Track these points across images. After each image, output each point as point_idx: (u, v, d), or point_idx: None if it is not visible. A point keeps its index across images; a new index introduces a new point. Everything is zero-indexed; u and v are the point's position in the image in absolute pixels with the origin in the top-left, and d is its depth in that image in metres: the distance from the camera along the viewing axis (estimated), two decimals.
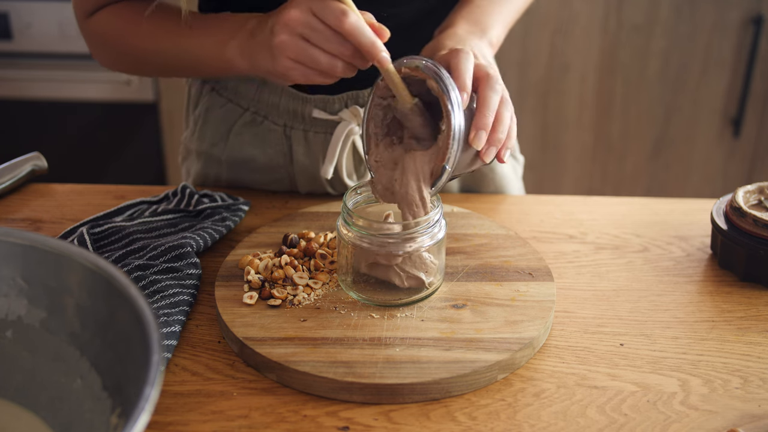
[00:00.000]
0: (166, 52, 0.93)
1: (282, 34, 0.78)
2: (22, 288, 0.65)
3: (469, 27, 0.90)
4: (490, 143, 0.78)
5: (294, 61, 0.79)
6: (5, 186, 1.05)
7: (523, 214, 1.03)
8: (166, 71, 1.00)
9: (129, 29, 0.95)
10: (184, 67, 0.96)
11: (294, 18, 0.77)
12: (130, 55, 0.98)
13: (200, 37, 0.90)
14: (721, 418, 0.71)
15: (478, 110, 0.77)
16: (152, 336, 0.54)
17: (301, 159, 1.05)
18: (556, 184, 2.33)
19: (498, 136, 0.78)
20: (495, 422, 0.70)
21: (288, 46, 0.78)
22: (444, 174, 0.77)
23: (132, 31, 0.95)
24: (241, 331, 0.77)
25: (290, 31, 0.77)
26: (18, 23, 2.17)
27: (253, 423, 0.69)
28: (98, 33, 0.97)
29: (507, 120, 0.79)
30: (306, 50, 0.77)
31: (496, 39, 0.93)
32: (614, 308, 0.85)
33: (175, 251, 0.88)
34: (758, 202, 0.92)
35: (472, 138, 0.76)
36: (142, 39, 0.94)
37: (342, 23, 0.75)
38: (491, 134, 0.78)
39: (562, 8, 2.13)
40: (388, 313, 0.80)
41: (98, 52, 1.00)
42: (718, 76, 2.18)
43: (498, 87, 0.78)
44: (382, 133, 0.82)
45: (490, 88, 0.78)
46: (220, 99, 1.07)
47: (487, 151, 0.78)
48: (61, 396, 0.64)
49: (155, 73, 1.03)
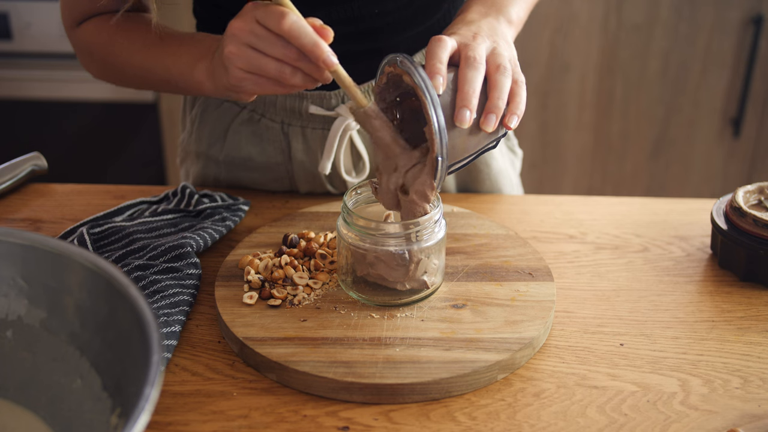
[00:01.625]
0: (143, 67, 0.93)
1: (229, 45, 0.78)
2: (22, 288, 0.65)
3: (483, 9, 0.88)
4: (489, 111, 0.76)
5: (244, 71, 0.79)
6: (5, 186, 1.05)
7: (523, 214, 1.03)
8: (148, 86, 0.99)
9: (111, 42, 0.95)
10: (161, 83, 0.95)
11: (238, 27, 0.77)
12: (114, 67, 0.97)
13: (173, 57, 0.90)
14: (721, 418, 0.71)
15: (459, 89, 0.75)
16: (152, 336, 0.54)
17: (300, 156, 1.05)
18: (556, 184, 2.33)
19: (495, 103, 0.76)
20: (495, 422, 0.70)
21: (236, 56, 0.78)
22: (440, 165, 0.75)
23: (114, 44, 0.95)
24: (241, 331, 0.77)
25: (237, 41, 0.77)
26: (18, 23, 2.17)
27: (253, 423, 0.69)
28: (84, 44, 0.98)
29: (505, 86, 0.77)
30: (253, 58, 0.77)
31: (515, 16, 0.91)
32: (614, 308, 0.85)
33: (175, 251, 0.88)
34: (758, 202, 0.92)
35: (456, 116, 0.74)
36: (123, 53, 0.94)
37: (281, 26, 0.74)
38: (487, 102, 0.76)
39: (562, 8, 2.13)
40: (388, 313, 0.80)
41: (85, 62, 1.00)
42: (718, 76, 2.18)
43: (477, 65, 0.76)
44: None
45: (468, 66, 0.76)
46: (216, 99, 1.07)
47: (486, 120, 0.75)
48: (61, 396, 0.64)
49: (139, 87, 1.02)
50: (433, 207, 0.80)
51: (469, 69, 0.76)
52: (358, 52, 0.98)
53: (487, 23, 0.84)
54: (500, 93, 0.76)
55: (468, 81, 0.75)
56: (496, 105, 0.76)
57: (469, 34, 0.80)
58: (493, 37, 0.81)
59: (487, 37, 0.80)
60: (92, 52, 0.98)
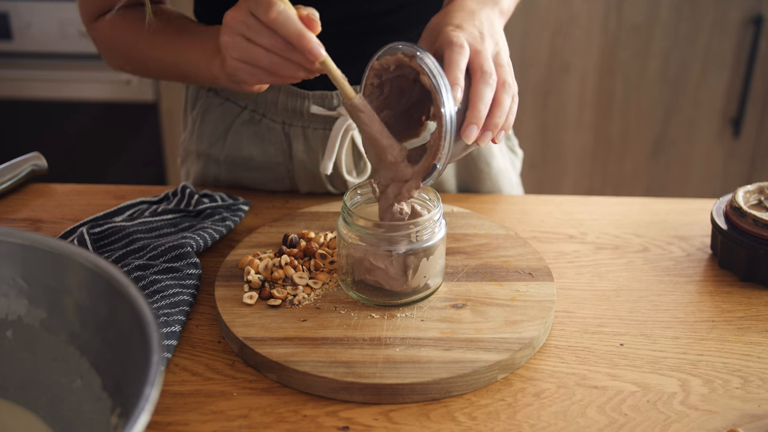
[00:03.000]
0: (163, 60, 0.95)
1: (225, 35, 0.79)
2: (22, 288, 0.65)
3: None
4: (486, 128, 0.77)
5: (239, 61, 0.80)
6: (5, 186, 1.05)
7: (523, 214, 1.03)
8: (167, 78, 1.01)
9: (130, 35, 0.96)
10: (180, 76, 0.97)
11: (232, 17, 0.78)
12: (134, 59, 0.99)
13: (191, 52, 0.91)
14: (721, 418, 0.71)
15: (472, 105, 0.76)
16: (152, 336, 0.54)
17: (301, 156, 1.05)
18: (556, 184, 2.33)
19: (495, 120, 0.77)
20: (495, 422, 0.70)
21: (231, 46, 0.79)
22: (434, 171, 0.77)
23: (133, 37, 0.96)
24: (241, 331, 0.77)
25: (231, 30, 0.78)
26: (18, 23, 2.17)
27: (253, 423, 0.69)
28: (104, 37, 0.99)
29: (506, 104, 0.78)
30: (245, 48, 0.78)
31: (506, 7, 0.93)
32: (614, 308, 0.85)
33: (175, 251, 0.88)
34: (758, 202, 0.92)
35: (464, 131, 0.76)
36: (143, 45, 0.96)
37: (268, 15, 0.75)
38: (488, 119, 0.77)
39: (562, 8, 2.13)
40: (388, 313, 0.80)
41: (106, 55, 1.02)
42: (718, 76, 2.18)
43: (490, 80, 0.77)
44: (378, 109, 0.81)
45: (482, 82, 0.77)
46: (218, 98, 1.07)
47: (482, 136, 0.77)
48: (61, 396, 0.64)
49: (159, 77, 1.04)
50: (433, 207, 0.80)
51: (484, 84, 0.77)
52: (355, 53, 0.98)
53: (486, 16, 0.85)
54: (501, 112, 0.78)
55: (481, 98, 0.76)
56: (495, 123, 0.78)
57: (476, 32, 0.80)
58: (494, 36, 0.82)
59: (489, 36, 0.81)
60: (111, 46, 1.00)
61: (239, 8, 0.78)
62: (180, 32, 0.93)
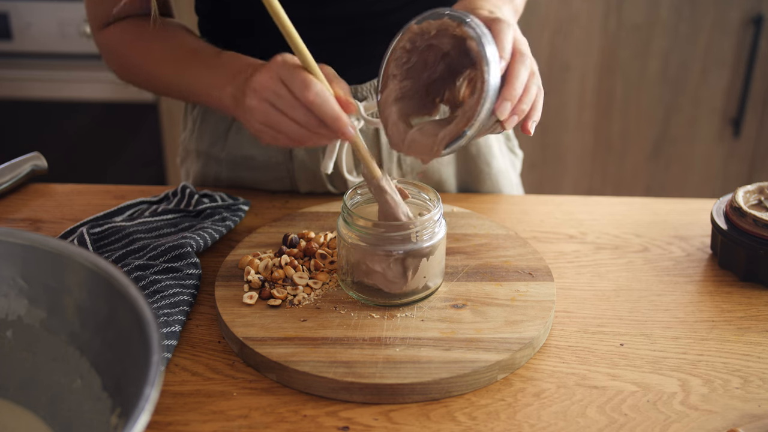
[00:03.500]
0: (170, 82, 0.94)
1: (251, 99, 0.79)
2: (22, 288, 0.65)
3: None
4: (514, 112, 0.77)
5: (265, 125, 0.80)
6: (5, 186, 1.05)
7: (523, 214, 1.03)
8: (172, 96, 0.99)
9: (135, 47, 0.96)
10: (184, 96, 0.96)
11: (262, 83, 0.78)
12: (136, 71, 0.99)
13: (198, 78, 0.90)
14: (721, 418, 0.71)
15: (509, 82, 0.76)
16: (152, 336, 0.54)
17: (301, 155, 1.05)
18: (556, 184, 2.33)
19: (522, 107, 0.78)
20: (495, 422, 0.70)
21: (257, 110, 0.79)
22: (462, 138, 0.76)
23: (138, 49, 0.96)
24: (241, 331, 0.77)
25: (259, 96, 0.78)
26: (18, 23, 2.16)
27: (253, 423, 0.69)
28: (109, 46, 0.99)
29: (533, 92, 0.79)
30: (273, 116, 0.78)
31: (519, 5, 0.96)
32: (614, 308, 0.85)
33: (175, 251, 0.88)
34: (758, 202, 0.92)
35: (498, 107, 0.76)
36: (147, 59, 0.95)
37: (305, 95, 0.75)
38: (516, 104, 0.77)
39: (562, 8, 2.13)
40: (388, 313, 0.80)
41: (110, 64, 1.02)
42: (718, 76, 2.18)
43: (528, 62, 0.78)
44: (401, 76, 0.81)
45: (521, 62, 0.78)
46: None
47: (509, 119, 0.77)
48: (61, 396, 0.64)
49: (163, 95, 1.03)
50: (433, 207, 0.80)
51: (522, 65, 0.77)
52: (354, 54, 0.98)
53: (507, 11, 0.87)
54: (528, 99, 0.78)
55: (518, 76, 0.77)
56: (522, 109, 0.78)
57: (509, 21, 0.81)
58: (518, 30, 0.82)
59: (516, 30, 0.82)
60: (115, 56, 0.99)
61: (269, 73, 0.77)
62: (191, 56, 0.92)
